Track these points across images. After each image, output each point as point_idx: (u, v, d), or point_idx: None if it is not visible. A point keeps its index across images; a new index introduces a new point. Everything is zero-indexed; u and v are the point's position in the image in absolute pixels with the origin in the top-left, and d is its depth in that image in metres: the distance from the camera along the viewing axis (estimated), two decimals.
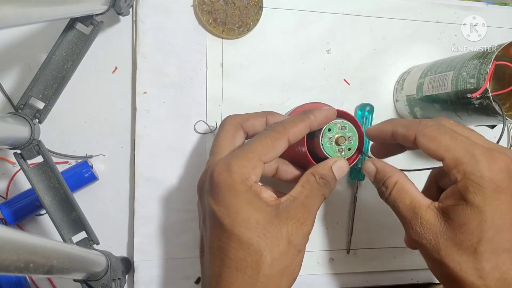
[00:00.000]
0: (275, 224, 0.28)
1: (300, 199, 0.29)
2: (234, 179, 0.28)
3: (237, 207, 0.28)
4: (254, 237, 0.27)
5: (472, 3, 0.48)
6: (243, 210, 0.28)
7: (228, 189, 0.28)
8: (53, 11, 0.30)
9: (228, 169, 0.28)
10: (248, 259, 0.27)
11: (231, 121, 0.34)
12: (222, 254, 0.28)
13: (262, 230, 0.27)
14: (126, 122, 0.41)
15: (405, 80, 0.44)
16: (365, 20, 0.45)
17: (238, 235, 0.27)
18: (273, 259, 0.28)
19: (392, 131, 0.31)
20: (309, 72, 0.44)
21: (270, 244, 0.28)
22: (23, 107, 0.35)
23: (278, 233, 0.28)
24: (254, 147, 0.29)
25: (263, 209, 0.28)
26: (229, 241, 0.28)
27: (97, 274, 0.34)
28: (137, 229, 0.40)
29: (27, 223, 0.40)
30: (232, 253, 0.28)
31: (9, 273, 0.25)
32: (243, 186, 0.28)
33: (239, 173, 0.28)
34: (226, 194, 0.28)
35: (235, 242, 0.27)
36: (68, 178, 0.38)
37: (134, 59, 0.40)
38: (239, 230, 0.27)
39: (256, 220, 0.28)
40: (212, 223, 0.29)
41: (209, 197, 0.29)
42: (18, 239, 0.24)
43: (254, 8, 0.41)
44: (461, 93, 0.37)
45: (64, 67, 0.36)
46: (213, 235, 0.29)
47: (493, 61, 0.34)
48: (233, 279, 0.28)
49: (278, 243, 0.28)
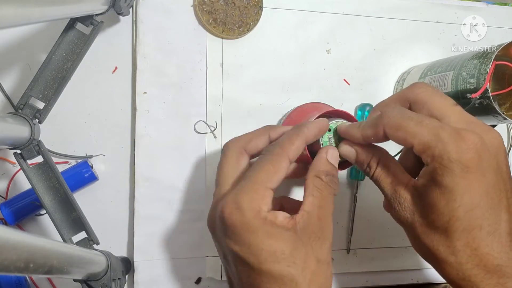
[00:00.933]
0: (299, 248, 0.28)
1: (315, 212, 0.29)
2: (247, 216, 0.27)
3: (258, 244, 0.27)
4: (284, 268, 0.27)
5: (472, 3, 0.48)
6: (265, 245, 0.27)
7: (244, 228, 0.27)
8: (53, 11, 0.30)
9: (238, 207, 0.27)
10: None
11: (233, 147, 0.32)
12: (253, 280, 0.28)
13: (290, 259, 0.27)
14: (126, 122, 0.41)
15: (405, 80, 0.44)
16: (365, 20, 0.45)
17: (268, 271, 0.27)
18: (309, 281, 0.27)
19: (362, 136, 0.31)
20: (309, 72, 0.44)
21: (301, 269, 0.27)
22: (23, 107, 0.35)
23: (305, 255, 0.28)
24: (258, 176, 0.28)
25: (284, 237, 0.28)
26: (260, 277, 0.27)
27: (97, 274, 0.34)
28: (137, 229, 0.40)
29: (27, 223, 0.40)
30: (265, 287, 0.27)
31: (9, 273, 0.25)
32: (258, 220, 0.27)
33: (250, 208, 0.27)
34: (243, 233, 0.27)
35: (267, 278, 0.27)
36: (68, 178, 0.38)
37: (134, 59, 0.40)
38: (267, 266, 0.27)
39: (282, 251, 0.27)
40: (237, 263, 0.28)
41: (226, 238, 0.28)
42: (18, 239, 0.23)
43: (254, 8, 0.41)
44: (461, 93, 0.37)
45: (64, 67, 0.36)
46: (241, 272, 0.28)
47: (493, 61, 0.34)
48: None
49: (309, 265, 0.28)
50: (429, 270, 0.46)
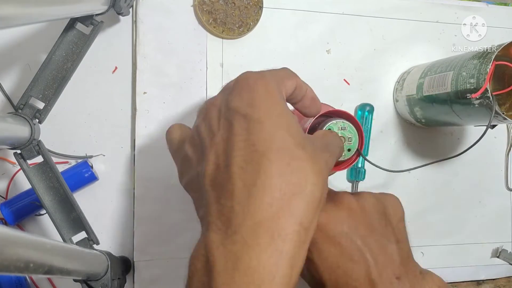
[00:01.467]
0: (311, 141, 0.26)
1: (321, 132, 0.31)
2: (270, 85, 0.25)
3: (278, 109, 0.24)
4: (297, 145, 0.24)
5: (472, 3, 0.48)
6: (285, 114, 0.24)
7: (266, 92, 0.24)
8: (53, 11, 0.30)
9: (263, 77, 0.25)
10: (293, 164, 0.23)
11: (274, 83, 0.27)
12: (258, 157, 0.23)
13: (302, 140, 0.24)
14: (126, 122, 0.41)
15: (405, 80, 0.44)
16: (365, 20, 0.45)
17: (282, 138, 0.23)
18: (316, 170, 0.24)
19: None
20: (309, 72, 0.44)
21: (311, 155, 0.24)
22: (23, 107, 0.35)
23: (313, 147, 0.25)
24: (278, 71, 0.27)
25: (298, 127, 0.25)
26: (269, 141, 0.23)
27: (97, 274, 0.34)
28: (137, 229, 0.40)
29: (27, 223, 0.40)
30: (273, 156, 0.23)
31: (9, 273, 0.25)
32: (280, 94, 0.25)
33: (275, 83, 0.25)
34: (264, 98, 0.24)
35: (278, 144, 0.23)
36: (68, 178, 0.38)
37: (134, 59, 0.40)
38: (282, 133, 0.24)
39: (297, 130, 0.24)
40: (243, 125, 0.24)
41: (238, 99, 0.25)
42: (18, 239, 0.24)
43: (254, 8, 0.41)
44: (461, 93, 0.37)
45: (64, 67, 0.36)
46: (244, 137, 0.24)
47: (493, 61, 0.34)
48: (277, 187, 0.23)
49: (317, 157, 0.25)
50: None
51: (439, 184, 0.47)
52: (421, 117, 0.43)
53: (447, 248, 0.47)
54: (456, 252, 0.47)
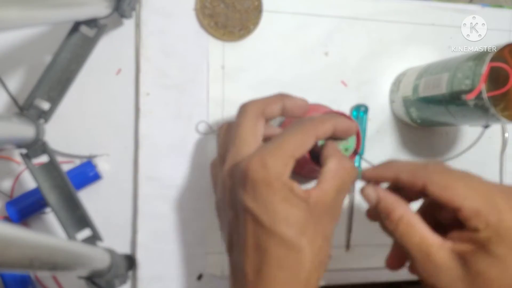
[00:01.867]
0: (312, 221, 0.28)
1: (332, 194, 0.29)
2: (271, 176, 0.27)
3: (275, 205, 0.27)
4: (295, 235, 0.27)
5: (467, 6, 0.49)
6: (281, 207, 0.27)
7: (266, 186, 0.27)
8: (58, 14, 0.31)
9: (264, 165, 0.28)
10: (290, 256, 0.27)
11: (252, 109, 0.32)
12: (262, 251, 0.28)
13: (301, 228, 0.27)
14: (129, 123, 0.42)
15: (401, 81, 0.45)
16: (362, 23, 0.46)
17: (280, 233, 0.27)
18: (314, 255, 0.28)
19: (393, 177, 0.30)
20: (308, 74, 0.45)
21: (310, 241, 0.28)
22: (29, 107, 0.36)
23: (314, 230, 0.28)
24: (288, 142, 0.29)
25: (299, 206, 0.28)
26: (269, 238, 0.27)
27: (101, 271, 0.35)
28: (140, 226, 0.41)
29: (32, 221, 0.41)
30: (273, 251, 0.27)
31: (14, 270, 0.25)
32: (279, 183, 0.27)
33: (275, 170, 0.28)
34: (264, 191, 0.27)
35: (276, 240, 0.27)
36: (73, 178, 0.39)
37: (137, 61, 0.41)
38: (280, 228, 0.27)
39: (296, 218, 0.27)
40: (249, 220, 0.28)
41: (244, 194, 0.28)
42: (23, 237, 0.24)
43: (254, 12, 0.42)
44: (456, 94, 0.37)
45: (68, 69, 0.37)
46: (250, 232, 0.28)
47: (488, 62, 0.35)
48: (276, 277, 0.27)
49: (316, 239, 0.28)
50: None
51: None
52: (417, 118, 0.44)
53: None
54: None
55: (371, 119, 0.46)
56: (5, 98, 0.39)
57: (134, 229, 0.41)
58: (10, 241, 0.23)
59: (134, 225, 0.41)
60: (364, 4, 0.46)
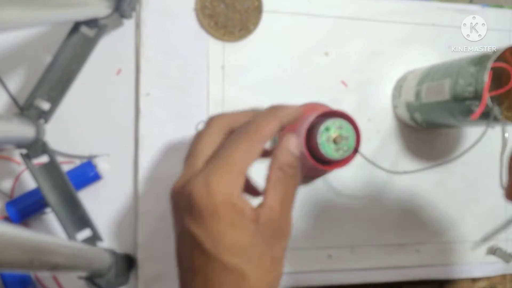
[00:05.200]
0: (258, 245, 0.27)
1: (277, 208, 0.27)
2: (216, 200, 0.26)
3: (220, 232, 0.26)
4: (239, 263, 0.26)
5: (467, 6, 0.49)
6: (226, 234, 0.26)
7: (211, 213, 0.26)
8: (58, 15, 0.31)
9: (208, 190, 0.26)
10: (231, 283, 0.26)
11: (218, 121, 0.29)
12: (204, 276, 0.27)
13: (247, 254, 0.26)
14: (129, 123, 0.42)
15: (402, 86, 0.45)
16: (362, 23, 0.46)
17: (223, 261, 0.26)
18: (258, 279, 0.27)
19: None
20: (308, 74, 0.45)
21: (255, 267, 0.27)
22: (29, 107, 0.36)
23: (261, 253, 0.27)
24: (232, 157, 0.27)
25: (246, 229, 0.26)
26: (211, 264, 0.26)
27: (102, 271, 0.35)
28: (141, 226, 0.41)
29: (32, 222, 0.41)
30: (214, 276, 0.26)
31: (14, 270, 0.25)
32: (226, 206, 0.26)
33: (221, 192, 0.26)
34: (208, 218, 0.26)
35: (218, 267, 0.26)
36: (73, 178, 0.39)
37: (138, 61, 0.41)
38: (222, 256, 0.26)
39: (241, 244, 0.26)
40: (192, 245, 0.27)
41: (189, 219, 0.27)
42: (23, 237, 0.24)
43: (254, 12, 0.42)
44: (460, 101, 0.37)
45: (69, 69, 0.37)
46: (193, 255, 0.27)
47: (490, 69, 0.34)
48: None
49: (263, 263, 0.27)
50: (424, 267, 0.47)
51: (435, 182, 0.48)
52: (422, 122, 0.44)
53: (442, 246, 0.48)
54: (452, 250, 0.48)
55: (371, 119, 0.46)
56: (5, 98, 0.40)
57: (134, 229, 0.41)
58: (10, 241, 0.23)
59: (134, 225, 0.41)
60: (364, 4, 0.46)
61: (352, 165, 0.38)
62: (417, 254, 0.47)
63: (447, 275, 0.48)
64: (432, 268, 0.47)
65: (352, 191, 0.45)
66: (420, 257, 0.47)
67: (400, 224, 0.46)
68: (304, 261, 0.44)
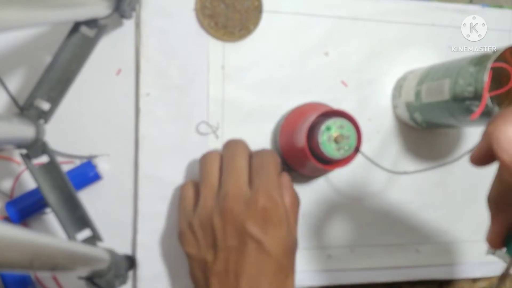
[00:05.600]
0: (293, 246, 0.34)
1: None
2: (280, 209, 0.32)
3: (283, 237, 0.32)
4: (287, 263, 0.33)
5: (467, 6, 0.49)
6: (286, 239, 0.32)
7: (277, 219, 0.32)
8: (58, 15, 0.31)
9: (272, 199, 0.32)
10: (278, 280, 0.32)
11: (244, 146, 0.37)
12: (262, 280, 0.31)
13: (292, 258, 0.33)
14: (129, 123, 0.42)
15: (402, 86, 0.45)
16: (362, 23, 0.46)
17: (280, 262, 0.31)
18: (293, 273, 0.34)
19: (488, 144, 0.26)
20: (308, 74, 0.45)
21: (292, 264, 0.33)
22: (29, 108, 0.36)
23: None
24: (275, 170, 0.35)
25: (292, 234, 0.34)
26: (272, 266, 0.31)
27: (101, 271, 0.35)
28: (141, 226, 0.41)
29: (32, 222, 0.41)
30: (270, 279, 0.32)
31: (14, 270, 0.25)
32: (285, 213, 0.32)
33: (279, 201, 0.32)
34: (275, 224, 0.32)
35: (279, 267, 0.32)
36: (73, 178, 0.39)
37: (138, 62, 0.41)
38: (281, 257, 0.31)
39: (291, 249, 0.33)
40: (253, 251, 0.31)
41: (255, 226, 0.31)
42: (23, 237, 0.24)
43: (254, 12, 0.42)
44: (460, 101, 0.37)
45: (69, 69, 0.37)
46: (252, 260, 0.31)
47: (489, 69, 0.34)
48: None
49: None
50: (423, 267, 0.47)
51: (435, 182, 0.48)
52: (422, 122, 0.44)
53: (442, 246, 0.48)
54: (452, 250, 0.48)
55: (371, 119, 0.46)
56: (5, 98, 0.40)
57: (134, 229, 0.41)
58: (10, 241, 0.23)
59: (134, 225, 0.41)
60: (364, 4, 0.46)
61: (352, 165, 0.38)
62: (417, 254, 0.47)
63: (447, 275, 0.48)
64: (432, 268, 0.48)
65: (352, 191, 0.45)
66: (420, 257, 0.47)
67: (400, 224, 0.46)
68: (304, 261, 0.44)
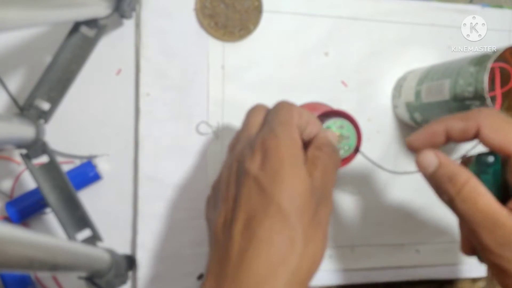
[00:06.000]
0: (311, 202, 0.26)
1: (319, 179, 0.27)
2: (281, 141, 0.26)
3: (284, 175, 0.25)
4: (294, 212, 0.25)
5: (467, 6, 0.49)
6: (289, 178, 0.25)
7: (275, 152, 0.26)
8: (58, 15, 0.31)
9: (275, 134, 0.26)
10: (284, 233, 0.24)
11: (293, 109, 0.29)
12: (255, 223, 0.25)
13: (301, 206, 0.25)
14: (129, 123, 0.42)
15: (402, 86, 0.45)
16: (362, 23, 0.46)
17: (280, 205, 0.24)
18: (307, 239, 0.25)
19: (445, 130, 0.28)
20: (308, 74, 0.45)
21: (306, 224, 0.25)
22: (29, 108, 0.36)
23: (312, 213, 0.26)
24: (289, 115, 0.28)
25: (305, 181, 0.26)
26: (267, 207, 0.25)
27: (101, 271, 0.35)
28: (141, 226, 0.41)
29: (32, 222, 0.41)
30: (267, 224, 0.24)
31: (14, 270, 0.26)
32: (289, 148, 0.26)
33: (285, 136, 0.26)
34: (273, 158, 0.25)
35: (274, 211, 0.25)
36: (73, 178, 0.39)
37: (138, 62, 0.41)
38: (282, 200, 0.25)
39: (299, 193, 0.25)
40: (250, 188, 0.26)
41: (250, 161, 0.26)
42: (23, 237, 0.24)
43: (254, 12, 0.42)
44: (460, 101, 0.37)
45: (69, 69, 0.37)
46: (248, 197, 0.26)
47: (489, 69, 0.34)
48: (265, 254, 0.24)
49: (312, 224, 0.25)
50: (423, 267, 0.47)
51: None
52: (422, 122, 0.44)
53: (443, 245, 0.48)
54: (452, 250, 0.48)
55: (371, 119, 0.46)
56: (5, 98, 0.40)
57: (134, 229, 0.41)
58: (10, 241, 0.23)
59: (134, 225, 0.41)
60: (363, 4, 0.46)
61: (352, 164, 0.38)
62: (417, 254, 0.47)
63: (447, 275, 0.48)
64: (432, 268, 0.48)
65: (352, 191, 0.45)
66: (420, 257, 0.47)
67: (400, 224, 0.46)
68: None
